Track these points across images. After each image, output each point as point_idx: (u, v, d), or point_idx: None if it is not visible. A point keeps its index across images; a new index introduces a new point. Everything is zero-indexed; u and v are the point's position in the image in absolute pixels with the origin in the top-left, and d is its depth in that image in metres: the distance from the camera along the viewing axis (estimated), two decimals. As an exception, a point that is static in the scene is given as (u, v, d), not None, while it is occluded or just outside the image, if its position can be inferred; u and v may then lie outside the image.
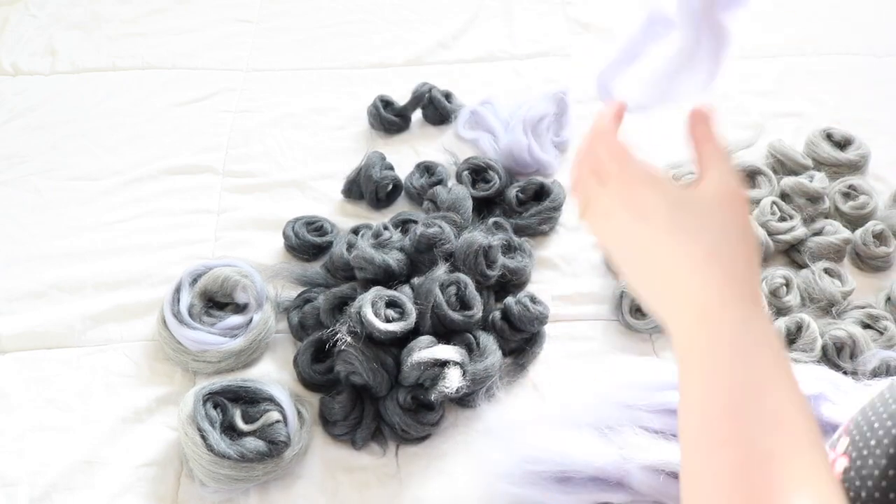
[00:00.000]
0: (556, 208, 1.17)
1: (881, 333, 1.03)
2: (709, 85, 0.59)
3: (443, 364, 0.90)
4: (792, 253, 1.17)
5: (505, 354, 0.99)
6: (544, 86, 1.45)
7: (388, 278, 1.00)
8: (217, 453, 0.85)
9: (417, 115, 1.38)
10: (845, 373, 0.91)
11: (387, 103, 1.36)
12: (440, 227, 1.03)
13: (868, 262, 1.15)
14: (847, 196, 1.21)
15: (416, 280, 0.99)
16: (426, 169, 1.25)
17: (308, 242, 1.13)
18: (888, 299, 1.09)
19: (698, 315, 0.51)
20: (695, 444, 0.49)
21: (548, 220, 1.17)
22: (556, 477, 0.80)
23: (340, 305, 1.00)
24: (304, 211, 1.19)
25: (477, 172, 1.23)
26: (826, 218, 1.19)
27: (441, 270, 0.98)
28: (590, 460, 0.78)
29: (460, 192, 1.14)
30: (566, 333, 1.06)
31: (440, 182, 1.21)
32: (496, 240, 1.05)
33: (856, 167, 1.27)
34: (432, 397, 0.89)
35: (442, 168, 1.25)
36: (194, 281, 1.04)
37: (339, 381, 0.95)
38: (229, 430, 0.89)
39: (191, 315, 1.01)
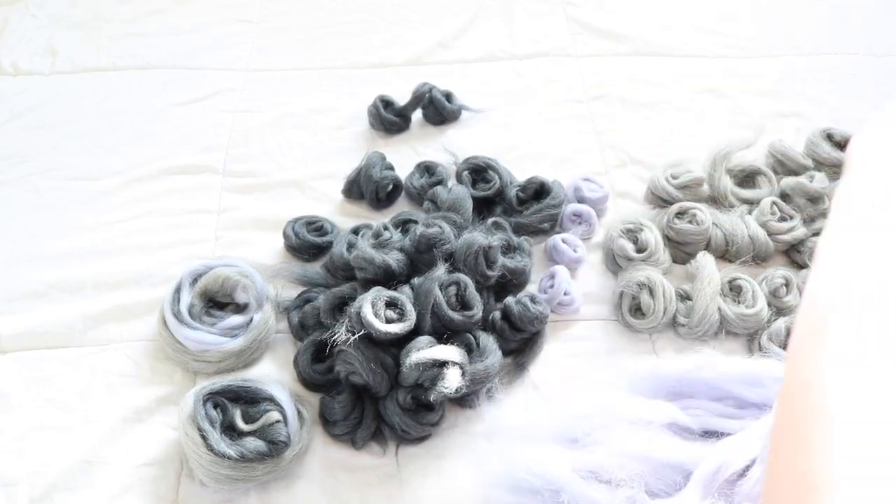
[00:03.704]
0: (557, 206, 1.17)
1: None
2: None
3: (442, 364, 0.89)
4: (792, 253, 1.17)
5: (505, 354, 0.99)
6: (544, 86, 1.46)
7: (388, 278, 1.00)
8: (217, 453, 0.85)
9: (417, 115, 1.38)
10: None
11: (387, 103, 1.36)
12: (440, 227, 1.03)
13: (868, 263, 1.15)
14: (847, 196, 1.21)
15: (416, 280, 0.99)
16: (426, 169, 1.25)
17: (308, 242, 1.13)
18: (888, 299, 1.09)
19: None
20: None
21: (549, 219, 1.17)
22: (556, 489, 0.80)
23: (340, 305, 1.00)
24: (304, 211, 1.19)
25: (477, 172, 1.23)
26: (826, 218, 1.19)
27: (441, 270, 0.98)
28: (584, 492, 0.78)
29: (460, 192, 1.14)
30: (566, 333, 1.07)
31: (440, 182, 1.21)
32: (496, 240, 1.05)
33: (856, 167, 1.27)
34: (432, 398, 0.89)
35: (442, 168, 1.25)
36: (194, 281, 1.04)
37: (340, 381, 0.95)
38: (229, 430, 0.89)
39: (191, 315, 1.01)
